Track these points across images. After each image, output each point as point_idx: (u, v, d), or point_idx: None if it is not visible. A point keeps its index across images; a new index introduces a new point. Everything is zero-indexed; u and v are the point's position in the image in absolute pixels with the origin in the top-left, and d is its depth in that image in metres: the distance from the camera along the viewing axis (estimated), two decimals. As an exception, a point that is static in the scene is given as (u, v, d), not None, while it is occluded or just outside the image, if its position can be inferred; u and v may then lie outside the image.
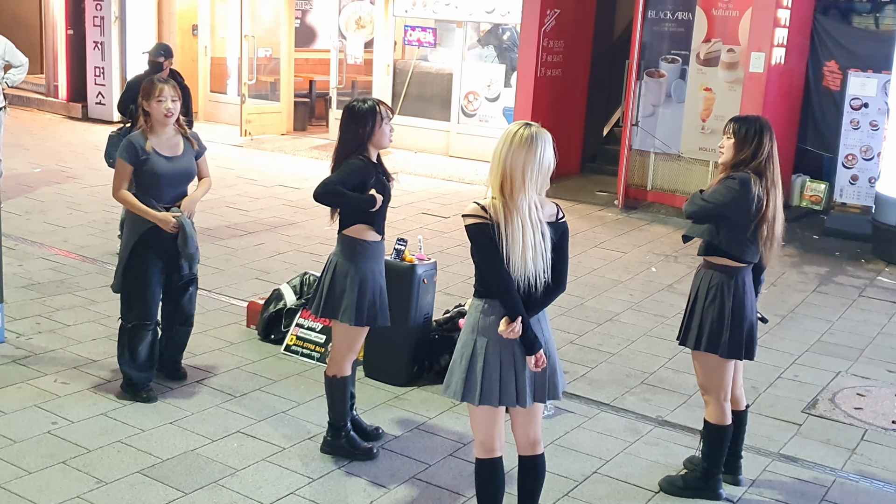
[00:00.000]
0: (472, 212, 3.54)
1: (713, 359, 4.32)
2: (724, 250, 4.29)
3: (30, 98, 15.91)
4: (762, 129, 4.24)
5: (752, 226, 4.22)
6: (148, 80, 5.16)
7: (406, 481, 4.44)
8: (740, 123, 4.28)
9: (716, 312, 4.27)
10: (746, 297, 4.31)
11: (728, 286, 4.27)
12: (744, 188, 4.17)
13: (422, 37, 13.18)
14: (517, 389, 3.58)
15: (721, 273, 4.30)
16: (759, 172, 4.21)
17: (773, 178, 4.25)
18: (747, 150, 4.22)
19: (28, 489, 4.16)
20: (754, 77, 9.81)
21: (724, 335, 4.26)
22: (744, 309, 4.29)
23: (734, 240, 4.26)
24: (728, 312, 4.26)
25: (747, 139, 4.22)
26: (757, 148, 4.21)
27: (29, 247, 7.90)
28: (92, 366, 5.52)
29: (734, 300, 4.27)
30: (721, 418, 4.38)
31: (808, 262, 8.82)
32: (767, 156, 4.23)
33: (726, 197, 4.21)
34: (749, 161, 4.22)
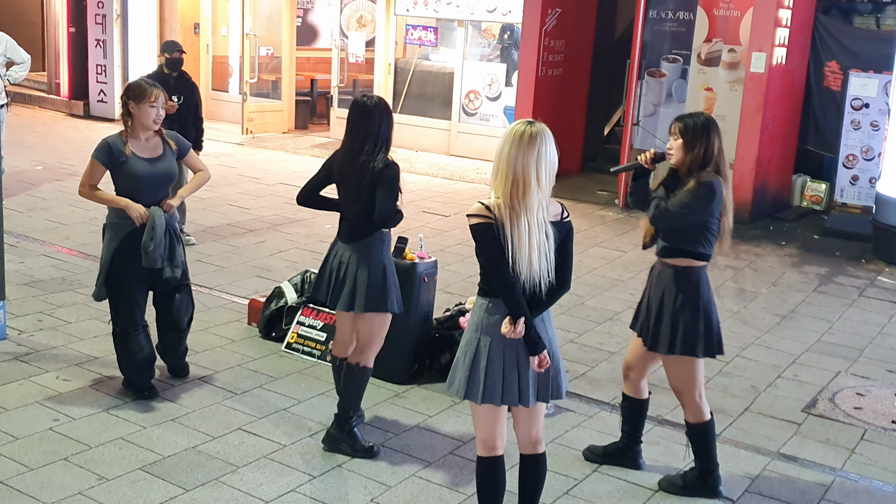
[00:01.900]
0: (477, 211, 3.53)
1: (687, 361, 4.32)
2: (688, 250, 4.27)
3: (31, 95, 15.92)
4: (708, 126, 4.22)
5: (717, 222, 4.25)
6: (139, 82, 5.04)
7: (407, 479, 4.45)
8: (685, 122, 4.24)
9: (689, 315, 4.25)
10: (711, 293, 4.34)
11: (696, 286, 4.27)
12: (716, 195, 4.17)
13: (423, 35, 13.19)
14: (520, 389, 3.59)
15: (686, 274, 4.28)
16: (718, 171, 4.22)
17: (727, 173, 4.26)
18: (698, 149, 4.19)
19: (30, 485, 4.17)
20: (755, 77, 9.82)
21: (700, 336, 4.26)
22: (711, 306, 4.32)
23: (700, 239, 4.25)
24: (701, 313, 4.26)
25: (696, 137, 4.20)
26: (707, 145, 4.19)
27: (30, 244, 7.92)
28: (93, 363, 5.53)
29: (703, 299, 4.28)
30: (700, 416, 4.40)
31: (808, 262, 8.83)
32: (718, 151, 4.22)
33: (700, 206, 4.16)
34: (703, 159, 4.19)
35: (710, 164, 4.20)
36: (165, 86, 7.75)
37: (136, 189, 4.94)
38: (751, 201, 10.08)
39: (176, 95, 7.93)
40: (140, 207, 4.89)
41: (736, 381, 5.90)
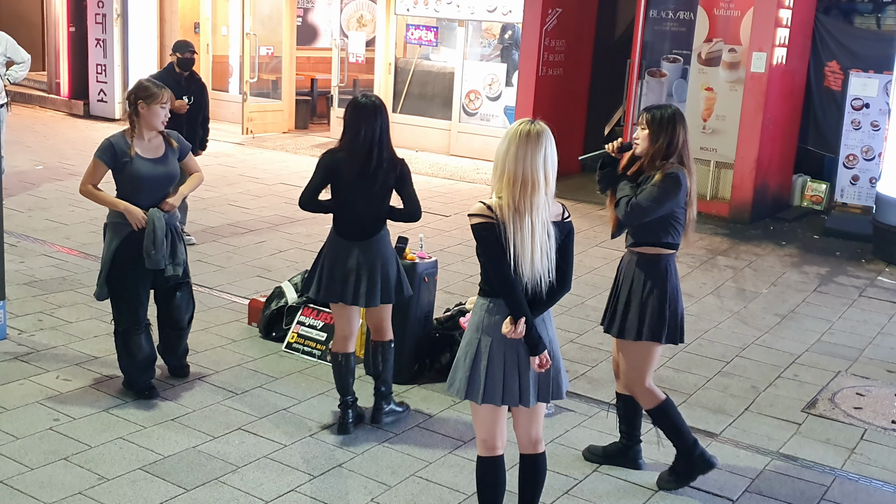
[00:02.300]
0: (479, 211, 3.52)
1: (649, 347, 4.37)
2: (656, 240, 4.32)
3: (31, 95, 15.92)
4: (675, 118, 4.27)
5: (682, 212, 4.31)
6: (149, 83, 5.03)
7: (407, 479, 4.46)
8: (652, 113, 4.29)
9: (656, 302, 4.31)
10: (677, 281, 4.40)
11: (663, 274, 4.33)
12: (682, 186, 4.22)
13: (423, 35, 13.19)
14: (520, 389, 3.59)
15: (654, 262, 4.34)
16: (682, 162, 4.27)
17: (691, 165, 4.31)
18: (663, 140, 4.24)
19: (30, 485, 4.17)
20: (756, 77, 9.82)
21: (666, 323, 4.31)
22: (678, 294, 4.38)
23: (668, 229, 4.30)
24: (668, 300, 4.32)
25: (661, 129, 4.24)
26: (672, 136, 4.24)
27: (31, 244, 7.92)
28: (94, 363, 5.54)
29: (670, 286, 4.34)
30: (656, 399, 4.44)
31: (808, 262, 8.83)
32: (683, 143, 4.26)
33: (667, 198, 4.20)
34: (666, 150, 4.24)
35: (674, 156, 4.26)
36: (176, 85, 7.80)
37: (138, 190, 4.95)
38: (751, 201, 10.08)
39: (187, 95, 7.94)
40: (139, 213, 4.89)
41: (736, 380, 5.91)
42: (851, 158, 9.71)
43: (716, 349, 6.44)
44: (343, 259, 4.72)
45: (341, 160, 4.65)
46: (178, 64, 8.05)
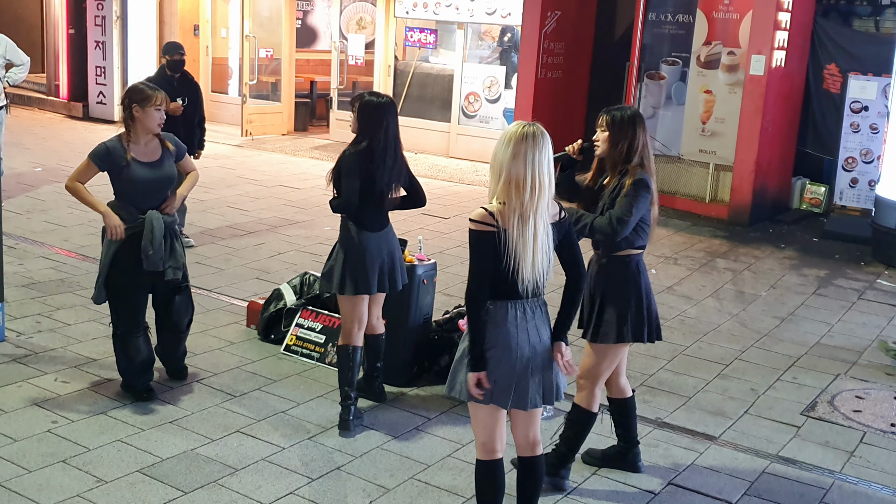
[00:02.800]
0: (480, 218, 3.49)
1: (619, 349, 4.38)
2: (629, 245, 4.32)
3: (31, 97, 15.92)
4: (634, 120, 4.26)
5: (649, 214, 4.32)
6: (142, 86, 5.02)
7: (405, 481, 4.45)
8: (612, 115, 4.28)
9: (634, 302, 4.32)
10: (648, 280, 4.41)
11: (635, 274, 4.34)
12: (650, 190, 4.24)
13: (422, 38, 13.20)
14: (519, 392, 3.58)
15: (625, 263, 4.34)
16: (643, 164, 4.26)
17: (651, 166, 4.30)
18: (623, 143, 4.23)
19: (28, 488, 4.17)
20: (755, 80, 9.82)
21: (644, 322, 4.33)
22: (650, 292, 4.41)
23: (638, 232, 4.31)
24: (644, 299, 4.33)
25: (622, 132, 4.24)
26: (632, 139, 4.23)
27: (29, 246, 7.91)
28: (92, 365, 5.53)
29: (643, 285, 4.35)
30: (592, 404, 4.46)
31: (807, 265, 8.83)
32: (644, 145, 4.25)
33: (642, 204, 4.22)
34: (627, 153, 4.23)
35: (634, 158, 4.24)
36: (169, 87, 7.80)
37: (135, 194, 4.94)
38: (750, 204, 10.08)
39: (181, 97, 7.94)
40: (116, 220, 4.86)
41: (735, 383, 5.90)
42: (850, 161, 9.71)
43: (715, 352, 6.43)
44: (373, 251, 4.91)
45: (368, 157, 4.82)
46: (168, 66, 8.05)
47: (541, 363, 3.62)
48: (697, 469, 4.76)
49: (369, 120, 4.83)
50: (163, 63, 8.14)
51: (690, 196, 10.53)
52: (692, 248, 9.21)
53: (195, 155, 8.20)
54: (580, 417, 4.50)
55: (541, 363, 3.62)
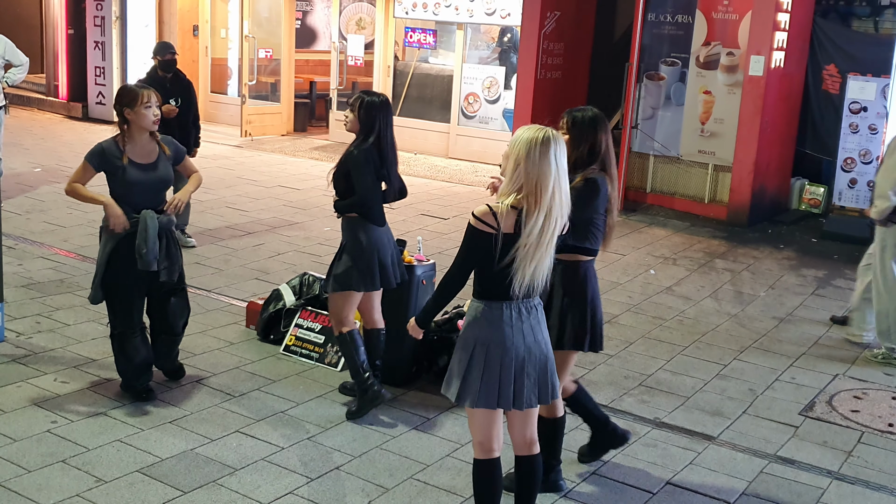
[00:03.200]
0: (482, 216, 3.48)
1: (567, 355, 4.33)
2: (574, 246, 4.26)
3: (30, 97, 15.93)
4: (595, 122, 4.22)
5: (602, 218, 4.27)
6: (127, 87, 5.03)
7: (404, 481, 4.46)
8: (573, 117, 4.25)
9: (577, 310, 4.25)
10: (597, 288, 4.36)
11: (583, 281, 4.29)
12: (600, 192, 4.18)
13: (422, 38, 13.21)
14: (515, 392, 3.60)
15: (574, 268, 4.29)
16: (605, 168, 4.22)
17: (613, 172, 4.25)
18: (584, 146, 4.20)
19: (28, 487, 4.18)
20: (754, 80, 9.83)
21: (587, 330, 4.27)
22: (597, 300, 4.33)
23: (587, 235, 4.25)
24: (588, 307, 4.27)
25: (583, 134, 4.20)
26: (593, 142, 4.19)
27: (29, 246, 7.92)
28: (91, 365, 5.54)
29: (590, 293, 4.29)
30: (554, 411, 4.39)
31: (806, 265, 8.84)
32: (606, 148, 4.21)
33: (585, 204, 4.14)
34: (588, 156, 4.20)
35: (596, 161, 4.20)
36: (162, 88, 7.79)
37: (131, 195, 4.93)
38: (749, 204, 10.09)
39: (174, 98, 7.93)
40: (118, 211, 4.85)
41: (733, 383, 5.91)
42: (849, 162, 9.72)
43: (713, 352, 6.44)
44: (384, 245, 5.07)
45: (377, 153, 4.96)
46: (160, 67, 8.04)
47: (536, 363, 3.63)
48: (696, 469, 4.77)
49: (374, 117, 4.95)
50: (154, 64, 8.12)
51: (689, 196, 10.54)
52: (691, 248, 9.22)
53: (192, 153, 8.20)
54: (543, 427, 4.34)
55: (536, 363, 3.63)
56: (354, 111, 4.97)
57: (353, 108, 4.99)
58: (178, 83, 8.11)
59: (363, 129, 4.96)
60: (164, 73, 8.04)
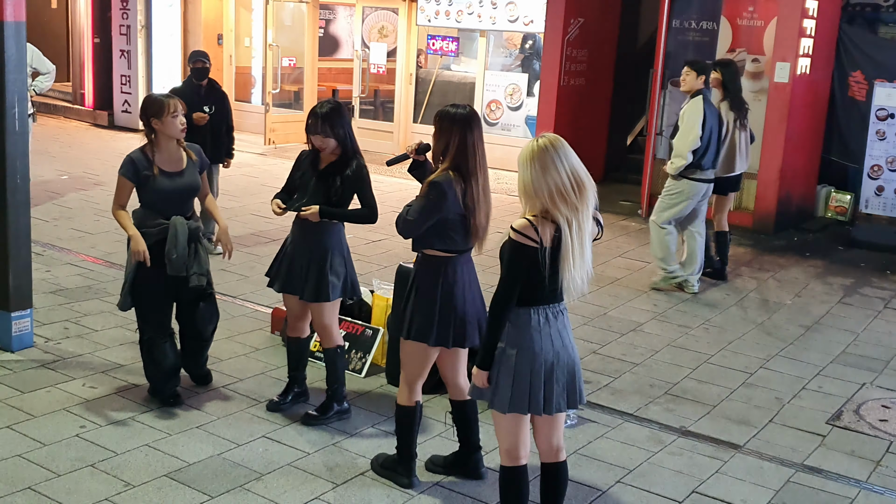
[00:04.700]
0: (522, 229, 3.48)
1: (413, 346, 4.32)
2: (430, 246, 4.27)
3: (56, 106, 16.09)
4: (456, 120, 4.17)
5: (460, 219, 4.20)
6: (153, 97, 5.06)
7: (429, 488, 4.46)
8: (440, 113, 4.23)
9: (424, 301, 4.26)
10: (457, 286, 4.28)
11: (436, 274, 4.26)
12: (441, 193, 4.14)
13: (444, 46, 13.23)
14: (545, 398, 3.59)
15: (429, 261, 4.29)
16: (456, 167, 4.16)
17: (473, 171, 4.17)
18: (440, 143, 4.19)
19: (57, 491, 4.21)
20: (779, 87, 9.78)
21: (433, 324, 4.25)
22: (452, 298, 4.26)
23: (443, 238, 4.23)
24: (438, 300, 4.24)
25: (442, 131, 4.19)
26: (450, 140, 4.16)
27: (57, 253, 8.00)
28: (119, 370, 5.58)
29: (443, 290, 4.25)
30: (403, 399, 4.41)
31: (832, 273, 8.77)
32: (461, 147, 4.14)
33: (433, 209, 4.14)
34: (442, 153, 4.19)
35: (448, 159, 4.17)
36: (195, 96, 7.87)
37: (160, 203, 4.99)
38: (775, 212, 10.03)
39: (207, 106, 7.99)
40: (142, 246, 4.89)
41: (760, 392, 5.87)
42: (876, 169, 9.65)
43: (740, 360, 6.40)
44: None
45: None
46: (193, 74, 8.12)
47: (564, 368, 3.62)
48: (722, 478, 4.74)
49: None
50: (189, 72, 8.21)
51: (714, 204, 10.47)
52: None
53: (225, 163, 8.26)
54: (396, 413, 4.45)
55: (564, 368, 3.62)
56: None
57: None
58: (213, 92, 8.18)
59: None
60: (198, 82, 8.11)
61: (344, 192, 4.90)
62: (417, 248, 4.32)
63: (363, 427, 5.05)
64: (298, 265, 4.96)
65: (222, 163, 8.24)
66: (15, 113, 5.61)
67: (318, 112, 4.83)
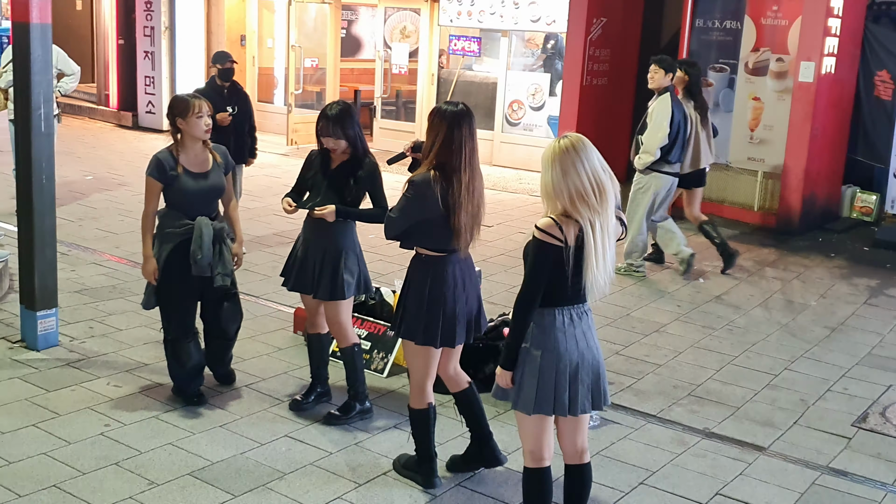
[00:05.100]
0: (547, 227, 3.48)
1: (410, 345, 4.32)
2: (417, 244, 4.28)
3: (81, 107, 16.22)
4: (446, 117, 4.14)
5: (443, 219, 4.16)
6: (179, 97, 5.09)
7: (452, 488, 4.46)
8: (436, 109, 4.22)
9: (412, 300, 4.26)
10: (447, 286, 4.25)
11: (423, 272, 4.26)
12: (418, 192, 4.12)
13: (466, 46, 13.23)
14: (570, 399, 3.58)
15: (416, 260, 4.30)
16: (440, 165, 4.13)
17: (454, 167, 4.11)
18: (429, 139, 4.17)
19: (82, 489, 4.25)
20: (804, 87, 9.71)
21: (420, 323, 4.24)
22: (441, 298, 4.24)
23: (428, 236, 4.22)
24: (426, 300, 4.23)
25: (431, 127, 4.17)
26: (435, 136, 4.14)
27: (81, 253, 8.06)
28: (143, 369, 5.62)
29: (431, 289, 4.23)
30: (415, 402, 4.40)
31: (858, 274, 8.69)
32: (445, 142, 4.11)
33: (412, 208, 4.14)
34: (429, 150, 4.17)
35: (430, 156, 4.15)
36: (219, 97, 7.91)
37: (185, 203, 5.02)
38: (799, 212, 9.96)
39: (230, 106, 8.04)
40: (151, 267, 4.95)
41: (784, 393, 5.83)
42: (902, 169, 9.55)
43: (764, 362, 6.36)
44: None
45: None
46: (219, 75, 8.15)
47: (589, 369, 3.61)
48: (746, 480, 4.71)
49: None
50: (213, 73, 8.25)
51: (738, 204, 10.42)
52: (740, 256, 9.11)
53: (247, 163, 8.32)
54: (412, 417, 4.46)
55: (589, 369, 3.61)
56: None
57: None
58: (235, 93, 8.24)
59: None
60: (222, 82, 8.15)
61: (358, 191, 4.95)
62: (405, 246, 4.34)
63: (386, 427, 5.06)
64: (310, 264, 5.00)
65: (245, 163, 8.30)
66: (41, 114, 5.67)
67: (328, 114, 4.86)
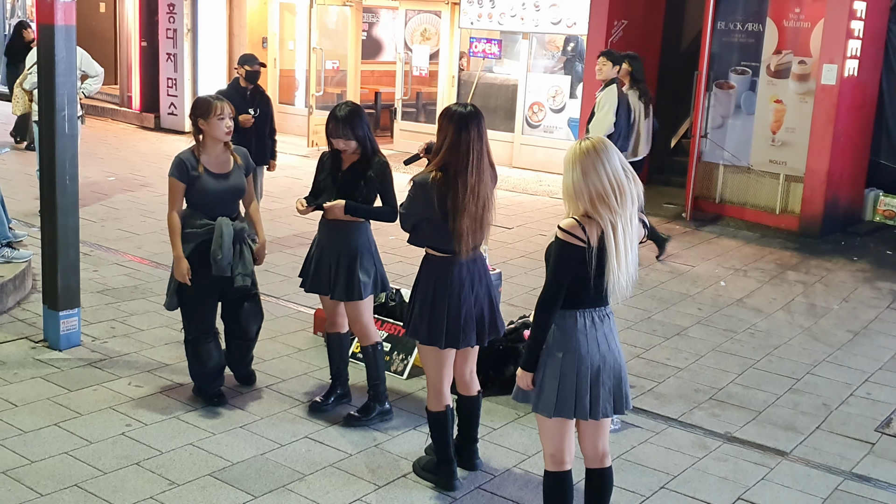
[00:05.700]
0: (569, 228, 3.46)
1: (430, 349, 4.32)
2: (424, 244, 4.31)
3: (104, 108, 16.34)
4: (450, 118, 4.15)
5: (443, 221, 4.17)
6: (202, 98, 5.11)
7: (471, 491, 4.45)
8: (445, 110, 4.23)
9: (420, 300, 4.29)
10: (453, 287, 4.25)
11: (429, 273, 4.27)
12: (417, 191, 4.17)
13: (487, 48, 13.22)
14: (591, 402, 3.56)
15: (429, 262, 4.31)
16: (444, 166, 4.13)
17: (459, 169, 4.11)
18: (438, 140, 4.19)
19: (103, 489, 4.27)
20: (826, 89, 9.64)
21: (423, 323, 4.26)
22: (448, 299, 4.25)
23: (433, 235, 4.24)
24: (429, 300, 4.25)
25: (441, 126, 4.19)
26: (444, 136, 4.15)
27: (104, 253, 8.11)
28: (164, 370, 5.64)
29: (436, 290, 4.25)
30: (432, 405, 4.39)
31: (881, 278, 8.61)
32: (451, 144, 4.11)
33: (414, 205, 4.21)
34: (437, 150, 4.19)
35: (438, 156, 4.16)
36: (241, 99, 7.94)
37: (206, 203, 5.04)
38: (821, 215, 9.89)
39: (253, 108, 8.07)
40: (184, 267, 4.95)
41: (807, 398, 5.78)
42: (926, 172, 9.47)
43: (786, 366, 6.31)
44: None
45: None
46: (245, 77, 8.17)
47: (611, 372, 3.59)
48: (768, 485, 4.68)
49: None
50: (238, 74, 8.26)
51: (760, 207, 10.37)
52: (762, 259, 9.06)
53: (269, 166, 8.35)
54: (428, 419, 4.47)
55: (611, 372, 3.59)
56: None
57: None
58: (258, 95, 8.27)
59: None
60: (247, 84, 8.18)
61: (369, 192, 4.96)
62: (413, 242, 4.38)
63: (405, 429, 5.06)
64: (326, 265, 5.01)
65: (266, 165, 8.33)
66: (65, 115, 5.71)
67: (338, 115, 4.87)
